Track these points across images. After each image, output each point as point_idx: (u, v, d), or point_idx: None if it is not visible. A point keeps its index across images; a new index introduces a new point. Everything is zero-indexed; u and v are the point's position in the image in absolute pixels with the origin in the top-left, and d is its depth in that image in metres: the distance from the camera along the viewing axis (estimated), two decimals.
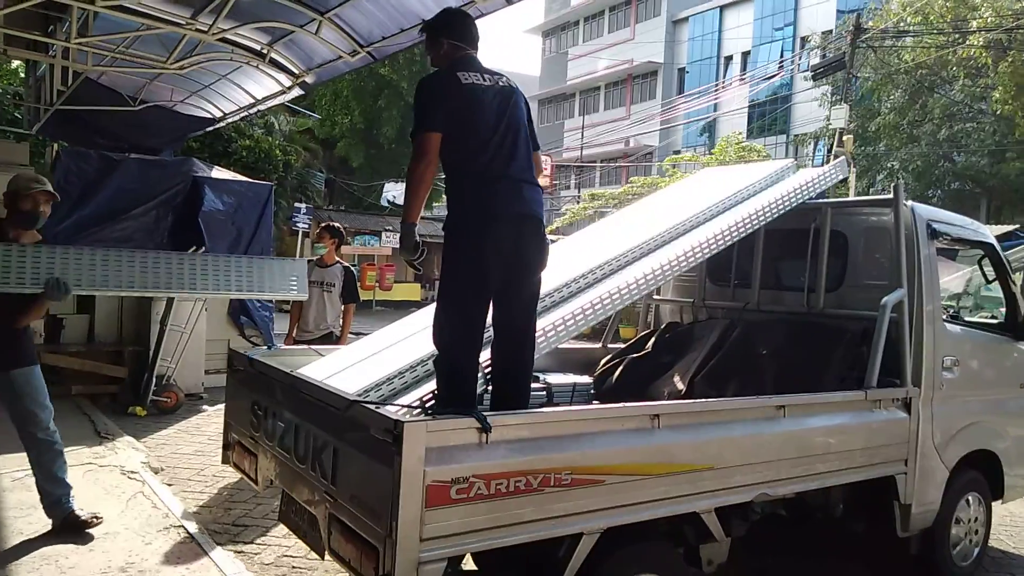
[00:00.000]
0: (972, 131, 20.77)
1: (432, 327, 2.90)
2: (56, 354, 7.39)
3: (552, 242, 3.25)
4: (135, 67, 6.92)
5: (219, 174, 9.29)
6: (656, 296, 5.41)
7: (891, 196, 4.06)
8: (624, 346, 5.15)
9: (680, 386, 4.33)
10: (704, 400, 3.77)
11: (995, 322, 5.09)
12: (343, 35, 5.73)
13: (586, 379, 4.52)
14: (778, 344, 4.30)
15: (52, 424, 4.12)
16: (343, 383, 3.06)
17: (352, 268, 6.27)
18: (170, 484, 5.20)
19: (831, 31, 27.77)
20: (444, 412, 2.59)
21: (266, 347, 6.32)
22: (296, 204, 20.53)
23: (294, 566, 4.00)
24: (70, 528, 4.06)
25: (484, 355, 2.95)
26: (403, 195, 3.22)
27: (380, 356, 3.38)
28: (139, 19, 5.71)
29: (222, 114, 8.88)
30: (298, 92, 7.38)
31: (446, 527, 2.33)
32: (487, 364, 2.98)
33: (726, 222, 3.97)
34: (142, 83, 7.87)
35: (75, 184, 7.50)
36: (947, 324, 4.27)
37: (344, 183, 28.86)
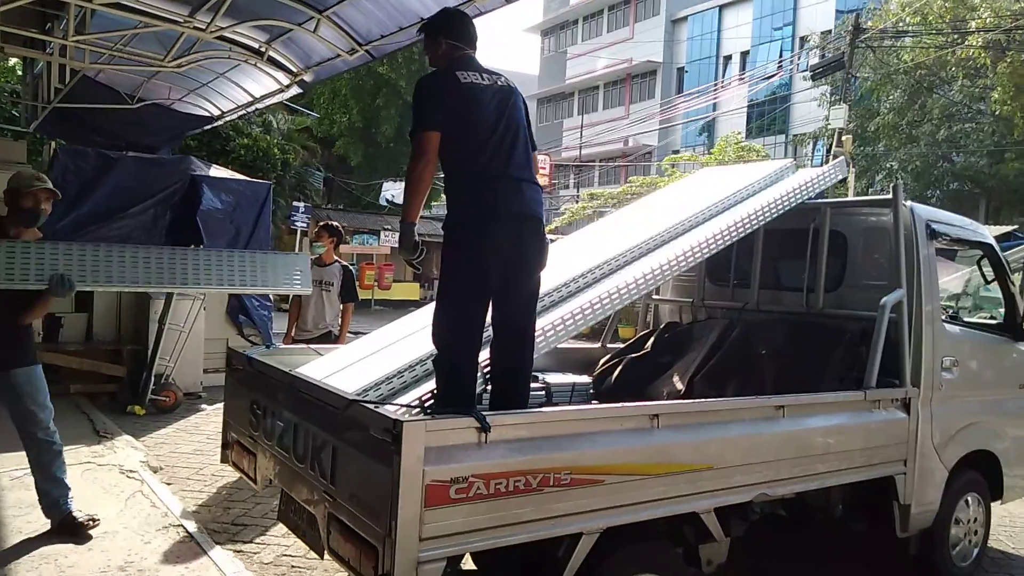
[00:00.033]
0: (971, 131, 20.81)
1: (431, 326, 2.90)
2: (55, 353, 7.37)
3: (551, 242, 3.25)
4: (133, 65, 6.91)
5: (217, 172, 9.30)
6: (655, 296, 5.41)
7: (890, 196, 4.06)
8: (623, 346, 5.15)
9: (679, 386, 4.33)
10: (703, 400, 3.77)
11: (994, 323, 5.09)
12: (341, 33, 5.72)
13: (585, 379, 4.52)
14: (777, 344, 4.30)
15: (52, 424, 4.11)
16: (342, 382, 3.05)
17: (351, 267, 6.26)
18: (169, 483, 5.20)
19: (830, 31, 27.79)
20: (443, 412, 2.59)
21: (265, 346, 6.31)
22: (294, 203, 20.52)
23: (293, 565, 3.99)
24: (68, 530, 4.05)
25: (483, 355, 2.95)
26: (402, 194, 3.22)
27: (379, 355, 3.38)
28: (137, 17, 5.71)
29: (220, 112, 8.87)
30: (296, 90, 7.37)
31: (445, 527, 2.33)
32: (486, 364, 2.97)
33: (725, 222, 3.97)
34: (140, 81, 7.86)
35: (73, 182, 7.48)
36: (946, 324, 4.27)
37: (342, 182, 28.86)
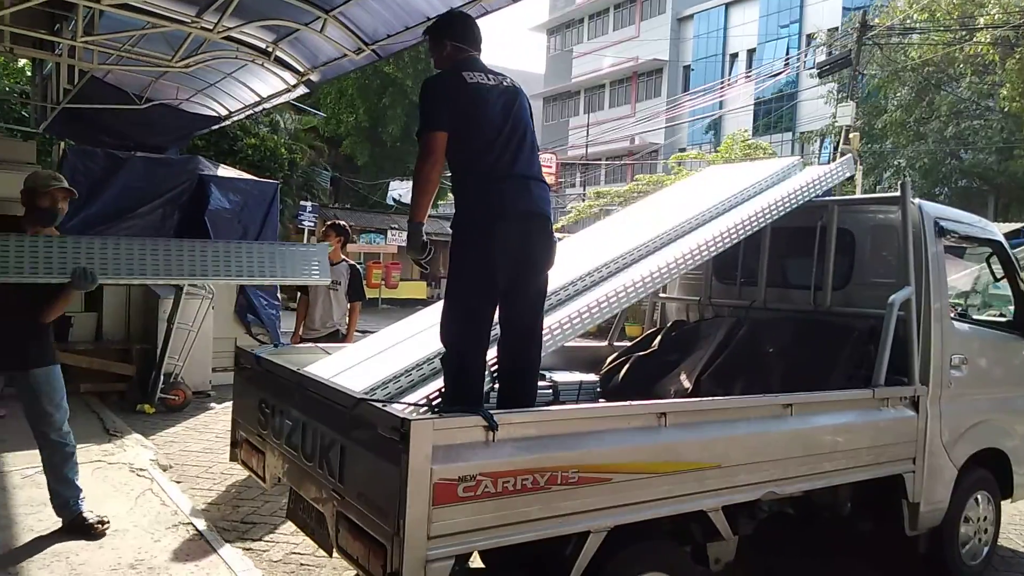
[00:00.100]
0: (979, 128, 20.68)
1: (439, 325, 2.91)
2: (65, 352, 7.37)
3: (558, 240, 3.25)
4: (141, 65, 6.93)
5: (225, 172, 9.34)
6: (662, 294, 5.40)
7: (898, 194, 4.05)
8: (630, 344, 5.15)
9: (687, 384, 4.33)
10: (711, 398, 3.75)
11: (1003, 320, 5.06)
12: (348, 33, 5.73)
13: (592, 377, 4.51)
14: (785, 342, 4.29)
15: (66, 425, 4.13)
16: (350, 381, 3.07)
17: (358, 266, 6.28)
18: (178, 481, 5.23)
19: (837, 28, 27.65)
20: (451, 410, 2.60)
21: (273, 345, 6.33)
22: (302, 202, 20.60)
23: (302, 563, 4.01)
24: (78, 530, 4.07)
25: (491, 353, 2.95)
26: (408, 194, 3.23)
27: (386, 354, 3.39)
28: (145, 17, 5.73)
29: (227, 112, 8.88)
30: (303, 90, 7.37)
31: (453, 525, 2.34)
32: (494, 362, 2.98)
33: (732, 220, 3.96)
34: (148, 81, 7.89)
35: (82, 182, 7.51)
36: (955, 322, 4.26)
37: (349, 181, 28.92)
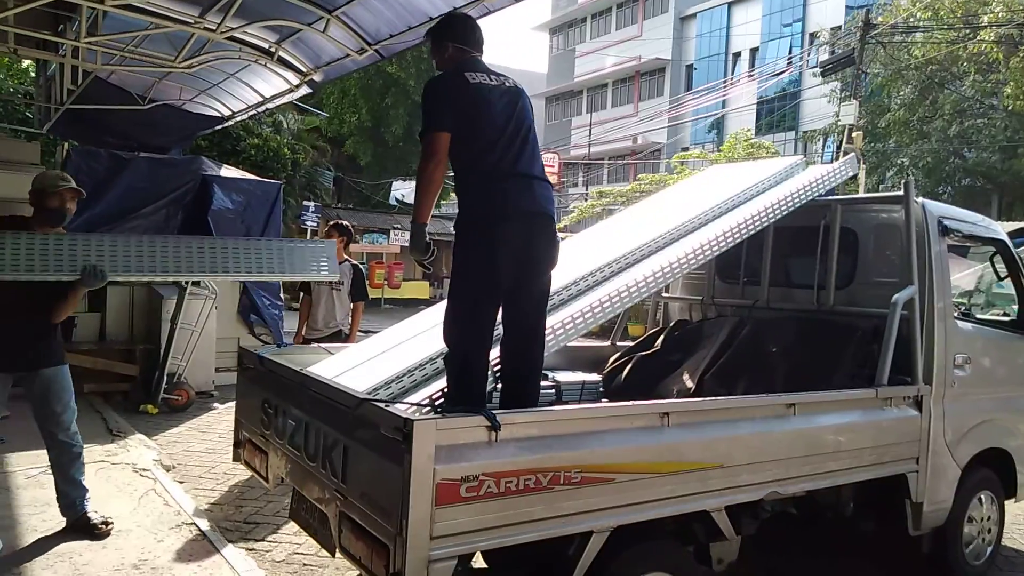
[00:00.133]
0: (983, 127, 20.61)
1: (442, 325, 2.91)
2: (68, 352, 7.31)
3: (561, 240, 3.25)
4: (144, 66, 6.95)
5: (228, 173, 9.36)
6: (665, 294, 5.40)
7: (901, 193, 4.04)
8: (633, 344, 5.14)
9: (689, 384, 4.32)
10: (714, 398, 3.75)
11: (1007, 319, 5.05)
12: (351, 33, 5.73)
13: (595, 377, 4.51)
14: (788, 342, 4.29)
15: (74, 426, 4.15)
16: (353, 381, 3.07)
17: (360, 266, 6.28)
18: (182, 481, 5.24)
19: (840, 27, 27.60)
20: (454, 410, 2.60)
21: (276, 345, 6.34)
22: (305, 202, 20.62)
23: (305, 563, 4.02)
24: (82, 530, 4.08)
25: (494, 353, 2.95)
26: (411, 194, 3.23)
27: (389, 354, 3.39)
28: (148, 18, 5.74)
29: (230, 112, 8.91)
30: (306, 90, 7.39)
31: (456, 525, 2.34)
32: (497, 362, 2.98)
33: (735, 219, 3.95)
34: (151, 82, 7.91)
35: (85, 183, 7.44)
36: (958, 321, 4.24)
37: (352, 181, 28.95)
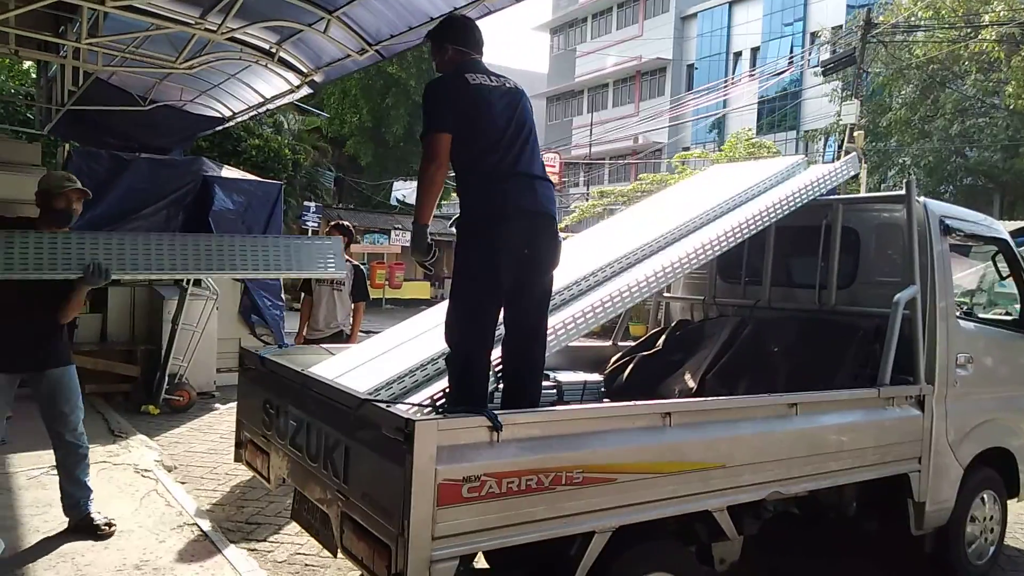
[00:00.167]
0: (985, 126, 20.58)
1: (444, 325, 2.91)
2: None
3: (562, 240, 3.24)
4: (145, 67, 6.95)
5: (229, 173, 9.36)
6: (666, 293, 5.39)
7: (903, 192, 4.04)
8: (634, 344, 5.14)
9: (691, 384, 4.32)
10: (715, 398, 3.75)
11: (1009, 319, 5.04)
12: (351, 33, 5.73)
13: (596, 377, 4.51)
14: (789, 342, 4.28)
15: (81, 426, 4.15)
16: (354, 382, 3.07)
17: (361, 266, 6.28)
18: (183, 482, 5.24)
19: (841, 26, 27.58)
20: (455, 410, 2.60)
21: (277, 346, 6.36)
22: (305, 203, 20.63)
23: (307, 564, 4.02)
24: (84, 531, 4.09)
25: (495, 353, 2.95)
26: (412, 194, 3.22)
27: (390, 354, 3.39)
28: (148, 19, 5.74)
29: (231, 113, 8.91)
30: (307, 91, 7.39)
31: (458, 525, 2.33)
32: (498, 362, 2.97)
33: (736, 219, 3.94)
34: (152, 83, 7.91)
35: (87, 184, 7.41)
36: (960, 321, 4.24)
37: (353, 181, 28.97)
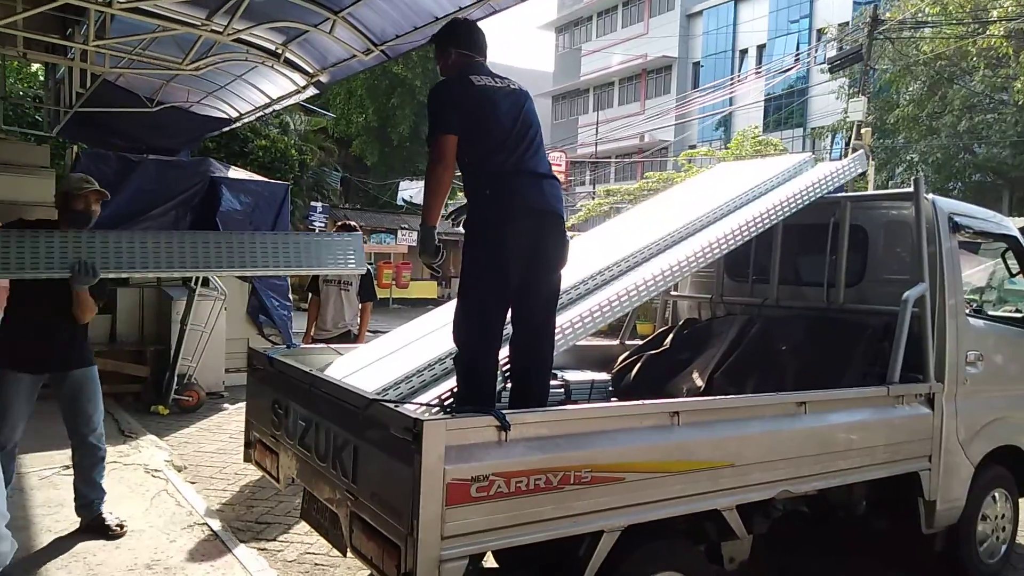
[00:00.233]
0: (993, 122, 20.45)
1: (452, 324, 2.91)
2: None
3: (569, 238, 3.25)
4: (152, 69, 6.97)
5: (236, 174, 9.38)
6: (674, 292, 5.39)
7: (911, 189, 4.02)
8: (642, 343, 5.13)
9: (699, 383, 4.31)
10: (724, 397, 3.74)
11: (1019, 316, 5.02)
12: (357, 34, 5.73)
13: (604, 376, 4.50)
14: (798, 340, 4.27)
15: (101, 428, 4.19)
16: (362, 381, 3.08)
17: (368, 266, 6.28)
18: (193, 482, 5.26)
19: (848, 23, 27.45)
20: (463, 410, 2.60)
21: (285, 346, 6.36)
22: (312, 203, 20.70)
23: (316, 563, 4.03)
24: (97, 530, 4.12)
25: (503, 352, 2.95)
26: (418, 194, 3.23)
27: (398, 354, 3.40)
28: (155, 21, 5.75)
29: (238, 114, 8.92)
30: (313, 91, 7.39)
31: (467, 525, 2.34)
32: (506, 361, 2.97)
33: (744, 217, 3.94)
34: (159, 84, 7.93)
35: None
36: (970, 318, 4.22)
37: (359, 181, 29.02)
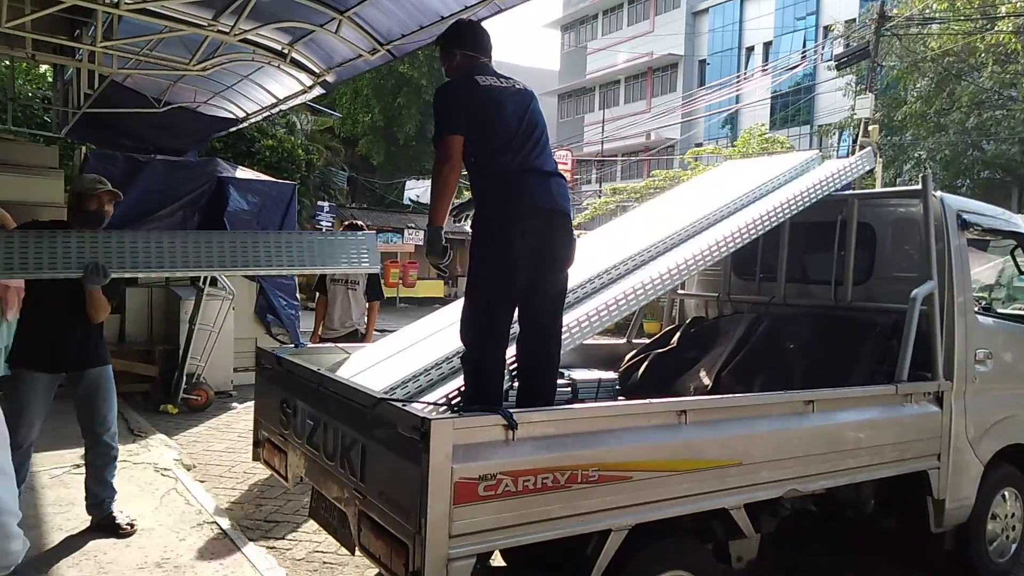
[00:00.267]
0: (1002, 119, 20.29)
1: (460, 323, 2.92)
2: None
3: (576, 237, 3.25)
4: (159, 69, 7.00)
5: (243, 174, 9.41)
6: (681, 291, 5.37)
7: (919, 187, 4.00)
8: (649, 341, 5.12)
9: (706, 381, 4.31)
10: (731, 395, 3.73)
11: None
12: (363, 34, 5.75)
13: (611, 375, 4.51)
14: (805, 338, 4.26)
15: (115, 427, 4.22)
16: (370, 381, 3.09)
17: None
18: (202, 481, 5.29)
19: (855, 19, 27.32)
20: (471, 409, 2.61)
21: (293, 345, 6.40)
22: (319, 202, 20.74)
23: (325, 562, 4.04)
24: (107, 529, 4.15)
25: (510, 351, 2.96)
26: (425, 194, 3.24)
27: (405, 353, 3.41)
28: (162, 22, 5.77)
29: (245, 114, 8.95)
30: (319, 91, 7.41)
31: (474, 524, 2.34)
32: (513, 360, 2.98)
33: (751, 216, 3.93)
34: (166, 85, 7.97)
35: None
36: (979, 316, 4.20)
37: (366, 181, 29.08)
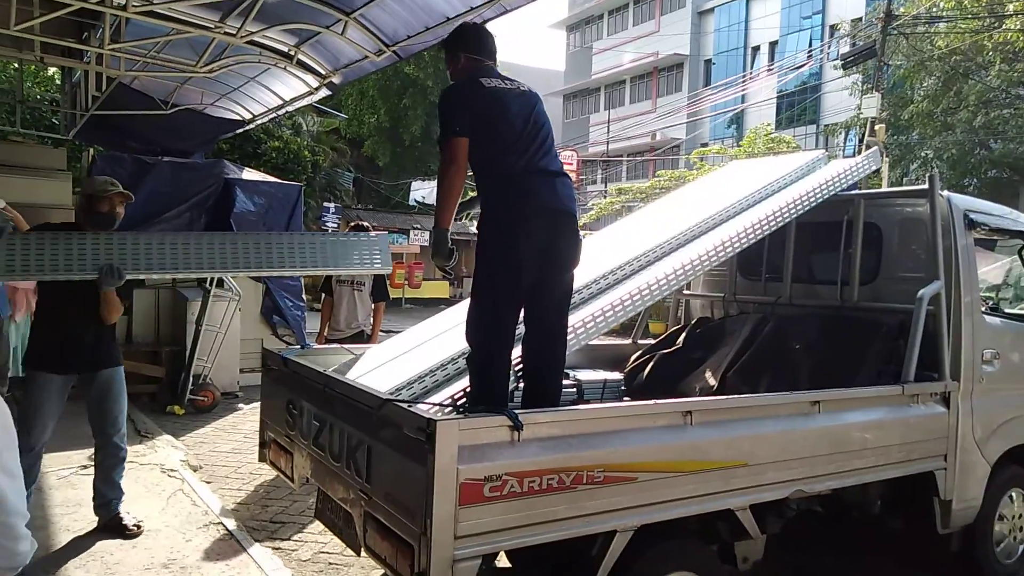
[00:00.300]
0: (1009, 117, 20.18)
1: (465, 324, 2.92)
2: None
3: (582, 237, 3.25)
4: (166, 71, 7.03)
5: (249, 175, 9.45)
6: (686, 291, 5.37)
7: (926, 186, 3.99)
8: (654, 342, 5.12)
9: (712, 382, 4.30)
10: (737, 396, 3.72)
11: None
12: (369, 35, 5.76)
13: (616, 376, 4.49)
14: (811, 338, 4.25)
15: (125, 427, 4.25)
16: (375, 382, 3.09)
17: None
18: (209, 482, 5.31)
19: (861, 18, 27.23)
20: (476, 410, 2.61)
21: (299, 346, 6.40)
22: (325, 204, 20.81)
23: (331, 562, 4.05)
24: (114, 530, 4.17)
25: (516, 352, 2.96)
26: (430, 195, 3.24)
27: (411, 354, 3.41)
28: (169, 24, 5.80)
29: (251, 116, 8.97)
30: (325, 92, 7.42)
31: (480, 525, 2.35)
32: (518, 361, 2.98)
33: (757, 215, 3.92)
34: (173, 87, 7.99)
35: None
36: (986, 316, 4.18)
37: (371, 182, 29.14)
